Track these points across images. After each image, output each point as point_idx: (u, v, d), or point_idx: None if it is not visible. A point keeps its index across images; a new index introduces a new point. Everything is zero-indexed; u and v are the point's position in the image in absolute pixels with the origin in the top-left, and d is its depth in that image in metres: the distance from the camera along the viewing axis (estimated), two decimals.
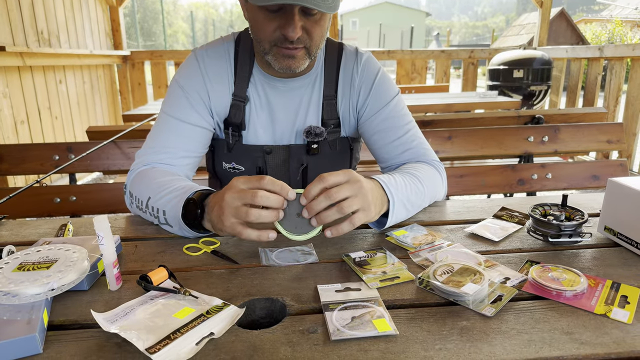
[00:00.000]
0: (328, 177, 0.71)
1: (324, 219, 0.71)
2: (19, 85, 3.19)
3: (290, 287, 0.66)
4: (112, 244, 0.65)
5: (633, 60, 3.52)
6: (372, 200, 0.74)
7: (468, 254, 0.75)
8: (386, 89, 1.07)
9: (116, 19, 4.76)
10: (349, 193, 0.71)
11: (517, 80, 4.37)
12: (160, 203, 0.85)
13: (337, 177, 0.72)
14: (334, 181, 0.71)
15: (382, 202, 0.80)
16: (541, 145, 1.82)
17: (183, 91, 1.01)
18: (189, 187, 0.84)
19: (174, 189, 0.85)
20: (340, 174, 0.72)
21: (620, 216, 0.77)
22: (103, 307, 0.62)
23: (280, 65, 0.93)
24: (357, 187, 0.72)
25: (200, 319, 0.57)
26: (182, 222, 0.80)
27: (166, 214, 0.84)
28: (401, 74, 5.09)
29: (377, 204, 0.78)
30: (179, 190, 0.84)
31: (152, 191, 0.88)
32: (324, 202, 0.70)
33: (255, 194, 0.69)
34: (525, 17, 15.86)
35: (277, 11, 0.86)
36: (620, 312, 0.58)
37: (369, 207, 0.74)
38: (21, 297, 0.58)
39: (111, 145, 1.63)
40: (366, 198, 0.73)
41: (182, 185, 0.86)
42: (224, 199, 0.72)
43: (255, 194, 0.69)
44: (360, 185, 0.73)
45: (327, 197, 0.70)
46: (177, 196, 0.83)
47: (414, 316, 0.59)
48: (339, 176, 0.72)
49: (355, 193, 0.72)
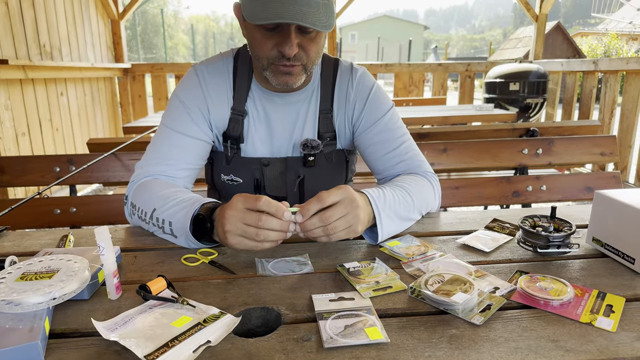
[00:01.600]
0: (326, 197, 0.75)
1: (310, 236, 0.76)
2: (21, 97, 3.23)
3: (286, 296, 0.68)
4: (112, 254, 0.66)
5: (627, 73, 3.57)
6: (362, 219, 0.78)
7: (459, 264, 0.77)
8: (380, 103, 1.10)
9: (118, 32, 4.82)
10: (342, 214, 0.75)
11: (514, 93, 4.42)
12: (167, 214, 0.87)
13: (334, 196, 0.76)
14: (331, 201, 0.75)
15: (369, 217, 0.83)
16: (535, 158, 1.85)
17: (183, 105, 1.04)
18: (195, 200, 0.86)
19: (180, 201, 0.87)
20: (337, 193, 0.76)
21: (607, 228, 0.79)
22: (103, 315, 0.63)
23: (277, 81, 0.96)
24: (351, 207, 0.76)
25: (197, 327, 0.59)
26: (191, 235, 0.83)
27: (172, 225, 0.86)
28: (399, 87, 5.15)
29: (365, 221, 0.81)
30: (185, 202, 0.87)
31: (157, 203, 0.90)
32: (317, 224, 0.75)
33: (259, 219, 0.72)
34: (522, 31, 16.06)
35: (274, 29, 0.90)
36: (605, 321, 0.60)
37: (356, 226, 0.77)
38: (24, 306, 0.60)
39: (111, 157, 1.65)
40: (357, 217, 0.77)
41: (187, 197, 0.89)
42: (226, 217, 0.75)
43: (259, 218, 0.72)
44: (355, 205, 0.77)
45: (321, 220, 0.74)
46: (184, 208, 0.85)
47: (405, 325, 0.61)
48: (336, 195, 0.76)
49: (348, 212, 0.76)
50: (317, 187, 1.13)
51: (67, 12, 3.94)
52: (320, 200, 0.75)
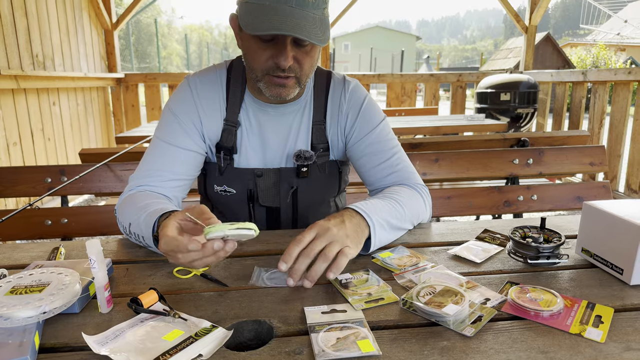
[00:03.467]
0: (301, 238, 0.76)
1: (314, 276, 0.74)
2: (13, 107, 3.21)
3: (278, 309, 0.68)
4: (104, 267, 0.66)
5: (615, 84, 3.63)
6: (348, 233, 0.79)
7: (450, 275, 0.77)
8: (372, 115, 1.11)
9: (111, 42, 4.83)
10: (325, 243, 0.76)
11: (504, 103, 4.48)
12: (139, 228, 0.87)
13: (309, 234, 0.77)
14: (307, 239, 0.76)
15: (361, 229, 0.84)
16: (526, 168, 1.87)
17: (175, 117, 1.04)
18: (159, 210, 0.85)
19: (149, 214, 0.86)
20: (309, 230, 0.77)
21: (595, 238, 0.81)
22: (94, 329, 0.63)
23: (271, 92, 0.97)
24: (329, 235, 0.77)
25: (189, 341, 0.58)
26: (155, 248, 0.83)
27: (145, 239, 0.86)
28: (391, 97, 5.19)
29: (356, 237, 0.81)
30: (152, 214, 0.85)
31: (133, 216, 0.89)
32: (304, 261, 0.74)
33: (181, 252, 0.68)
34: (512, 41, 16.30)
35: (270, 41, 0.91)
36: (594, 332, 0.61)
37: (349, 247, 0.77)
38: (13, 320, 0.60)
39: (104, 168, 1.64)
40: (342, 238, 0.78)
41: (156, 208, 0.87)
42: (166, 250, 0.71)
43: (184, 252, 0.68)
44: (331, 232, 0.77)
45: (306, 256, 0.74)
46: (149, 220, 0.84)
47: (397, 337, 0.61)
48: (309, 234, 0.77)
49: (330, 239, 0.76)
50: (311, 198, 1.14)
51: (60, 21, 3.94)
52: (297, 242, 0.75)
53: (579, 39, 27.89)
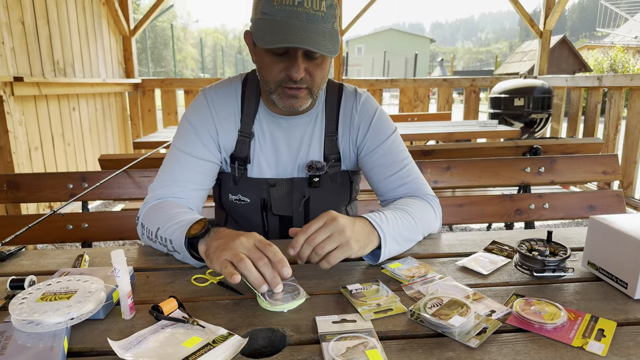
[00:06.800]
0: (309, 226, 0.82)
1: (304, 259, 0.82)
2: (35, 113, 3.31)
3: (291, 318, 0.71)
4: (127, 276, 0.70)
5: (631, 90, 3.59)
6: (351, 235, 0.82)
7: (457, 287, 0.80)
8: (384, 127, 1.14)
9: (129, 48, 4.94)
10: (326, 235, 0.81)
11: (518, 108, 4.46)
12: (168, 232, 0.91)
13: (317, 223, 0.82)
14: (314, 228, 0.81)
15: (369, 238, 0.87)
16: (538, 176, 1.87)
17: (193, 128, 1.09)
18: (193, 219, 0.90)
19: (180, 220, 0.91)
20: (319, 218, 0.83)
21: (601, 252, 0.82)
22: (118, 335, 0.67)
23: (284, 104, 1.01)
24: (333, 226, 0.81)
25: (206, 348, 0.62)
26: (186, 252, 0.87)
27: (173, 243, 0.90)
28: (404, 102, 5.20)
29: (361, 240, 0.85)
30: (184, 221, 0.90)
31: (161, 222, 0.94)
32: (307, 249, 0.81)
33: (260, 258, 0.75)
34: (527, 44, 16.13)
35: (282, 54, 0.95)
36: (595, 345, 0.63)
37: (348, 243, 0.81)
38: (44, 325, 0.64)
39: (123, 175, 1.70)
40: (344, 235, 0.81)
41: (187, 217, 0.92)
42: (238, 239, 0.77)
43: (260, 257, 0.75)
44: (337, 223, 0.82)
45: (309, 244, 0.81)
46: (182, 226, 0.89)
47: (404, 347, 0.64)
48: (318, 222, 0.82)
49: (332, 232, 0.81)
50: (323, 207, 1.17)
51: (80, 29, 4.05)
52: (305, 231, 0.81)
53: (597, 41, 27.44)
